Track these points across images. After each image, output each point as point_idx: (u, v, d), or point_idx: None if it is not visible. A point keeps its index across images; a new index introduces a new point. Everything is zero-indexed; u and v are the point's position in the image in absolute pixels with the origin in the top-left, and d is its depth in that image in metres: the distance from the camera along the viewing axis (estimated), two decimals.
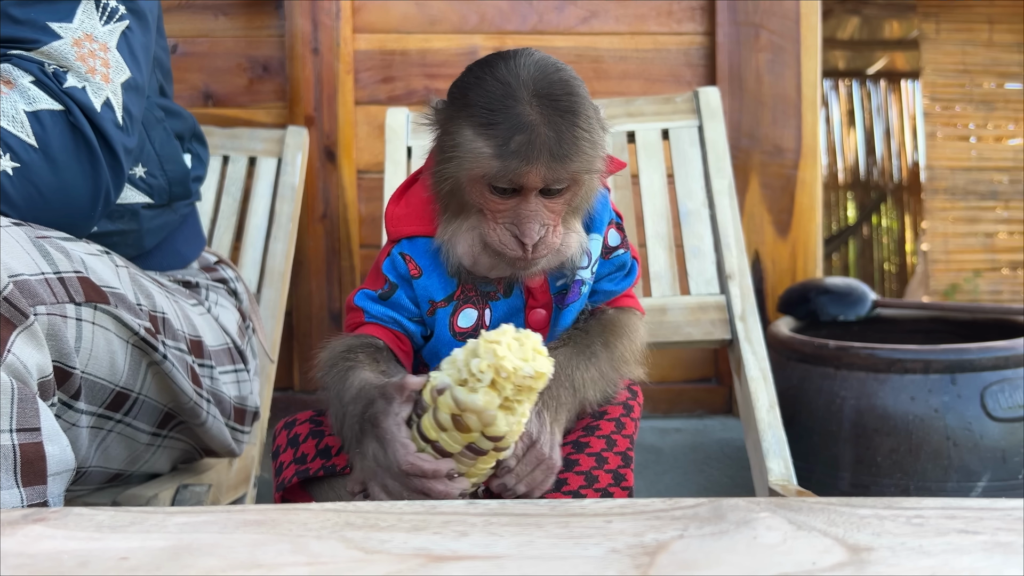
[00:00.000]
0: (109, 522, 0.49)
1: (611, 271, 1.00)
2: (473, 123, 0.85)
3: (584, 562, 0.42)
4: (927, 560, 0.41)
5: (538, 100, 0.84)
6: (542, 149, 0.83)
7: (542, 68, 0.87)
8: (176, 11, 1.97)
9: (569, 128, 0.84)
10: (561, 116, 0.84)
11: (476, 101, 0.85)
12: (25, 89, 0.93)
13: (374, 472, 0.80)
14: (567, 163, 0.84)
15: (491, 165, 0.84)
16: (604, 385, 0.95)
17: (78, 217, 0.98)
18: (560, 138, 0.84)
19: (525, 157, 0.83)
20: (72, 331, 0.86)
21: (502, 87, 0.85)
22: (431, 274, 0.95)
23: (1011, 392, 1.49)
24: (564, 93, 0.85)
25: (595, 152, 0.87)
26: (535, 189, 0.86)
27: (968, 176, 3.74)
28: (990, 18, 3.67)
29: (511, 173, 0.84)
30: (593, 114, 0.88)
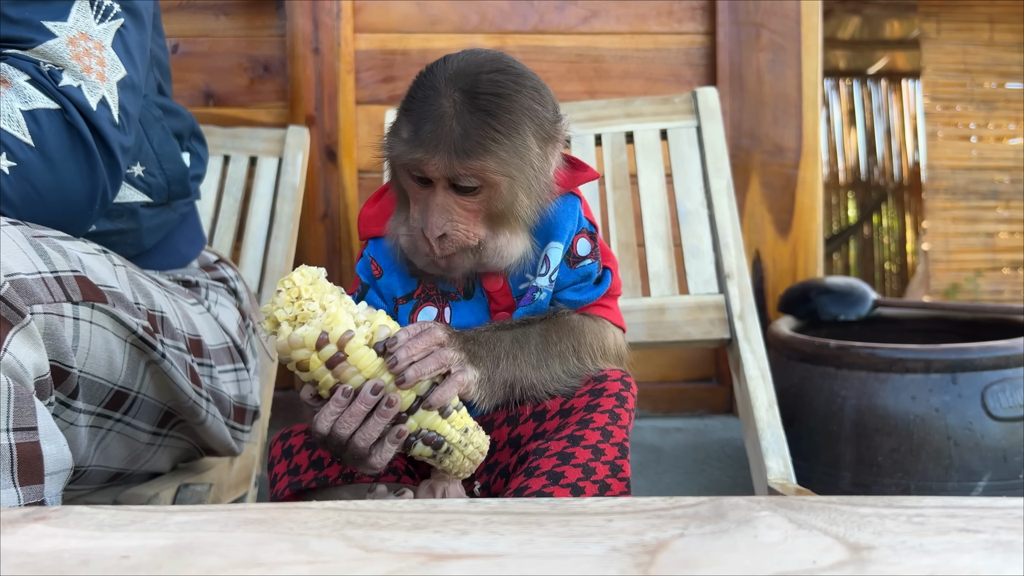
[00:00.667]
0: (110, 521, 0.49)
1: (575, 281, 0.99)
2: (401, 110, 0.89)
3: (585, 561, 0.42)
4: (928, 559, 0.41)
5: (460, 94, 0.85)
6: (444, 141, 0.84)
7: (479, 65, 0.88)
8: (177, 11, 1.97)
9: (479, 126, 0.85)
10: (473, 113, 0.85)
11: (411, 90, 0.89)
12: (21, 88, 0.93)
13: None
14: (469, 160, 0.84)
15: (402, 150, 0.86)
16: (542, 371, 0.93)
17: (75, 216, 0.98)
18: (466, 134, 0.84)
19: (426, 146, 0.85)
20: (69, 330, 0.86)
21: (433, 79, 0.87)
22: (391, 273, 0.97)
23: (1012, 392, 1.49)
24: (488, 92, 0.86)
25: (511, 157, 0.86)
26: (440, 180, 0.87)
27: (969, 176, 3.74)
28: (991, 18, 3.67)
29: (414, 161, 0.86)
30: (524, 120, 0.87)
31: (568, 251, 0.97)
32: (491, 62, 0.89)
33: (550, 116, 0.91)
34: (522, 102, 0.87)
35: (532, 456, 0.92)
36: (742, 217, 1.97)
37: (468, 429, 0.87)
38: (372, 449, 0.83)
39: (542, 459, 0.91)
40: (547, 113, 0.91)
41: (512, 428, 0.96)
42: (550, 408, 0.95)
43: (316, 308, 0.81)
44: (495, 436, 0.97)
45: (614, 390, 0.95)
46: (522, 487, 0.90)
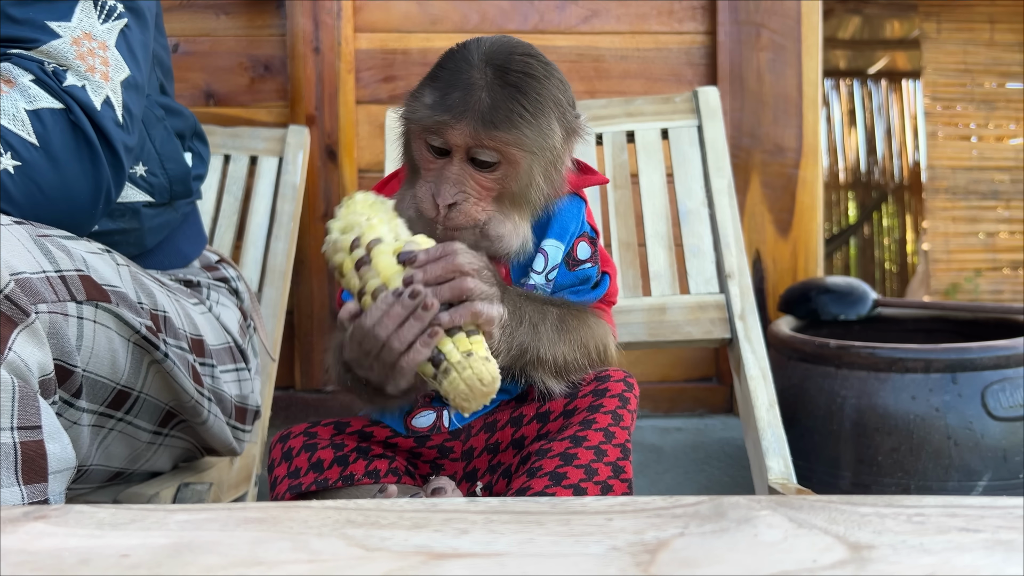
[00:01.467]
0: (110, 520, 0.49)
1: (574, 283, 0.99)
2: (429, 78, 0.89)
3: (585, 560, 0.42)
4: (928, 558, 0.41)
5: (491, 69, 0.86)
6: (472, 110, 0.85)
7: (512, 47, 0.89)
8: (177, 10, 1.97)
9: (508, 99, 0.85)
10: (503, 86, 0.86)
11: (440, 64, 0.90)
12: (25, 88, 0.94)
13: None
14: (494, 131, 0.85)
15: (424, 113, 0.87)
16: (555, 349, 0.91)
17: (79, 215, 0.98)
18: (495, 105, 0.85)
19: (454, 112, 0.85)
20: (73, 329, 0.86)
21: (464, 53, 0.88)
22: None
23: (1012, 391, 1.49)
24: (519, 70, 0.87)
25: (534, 136, 0.87)
26: (460, 149, 0.87)
27: (969, 176, 3.74)
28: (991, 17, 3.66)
29: (437, 125, 0.86)
30: (549, 103, 0.88)
31: (568, 253, 0.97)
32: (523, 46, 0.91)
33: (572, 110, 0.92)
34: (550, 88, 0.89)
35: (535, 456, 0.93)
36: (743, 217, 1.97)
37: (472, 354, 0.82)
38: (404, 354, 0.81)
39: (545, 459, 0.92)
40: (570, 104, 0.92)
41: (516, 429, 0.96)
42: (553, 409, 0.96)
43: (363, 220, 0.87)
44: (499, 437, 0.97)
45: (617, 390, 0.95)
46: (524, 487, 0.90)
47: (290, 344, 1.98)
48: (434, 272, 0.82)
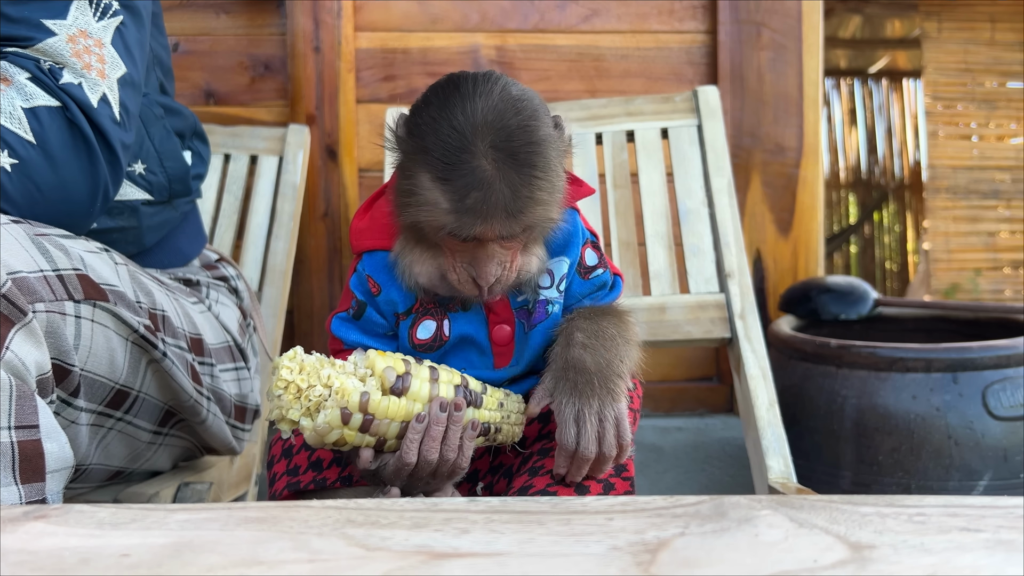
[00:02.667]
0: (110, 519, 0.49)
1: (592, 291, 0.99)
2: (430, 171, 0.83)
3: (585, 559, 0.42)
4: (929, 558, 0.41)
5: (494, 152, 0.82)
6: (497, 206, 0.82)
7: (500, 113, 0.83)
8: (177, 9, 1.97)
9: (525, 182, 0.82)
10: (517, 171, 0.82)
11: (432, 148, 0.83)
12: (22, 86, 0.93)
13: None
14: (523, 217, 0.83)
15: (448, 219, 0.83)
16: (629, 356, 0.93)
17: (77, 213, 0.98)
18: (516, 194, 0.82)
19: (481, 215, 0.82)
20: (71, 329, 0.86)
21: (458, 136, 0.82)
22: (390, 288, 0.95)
23: (1012, 391, 1.49)
24: (522, 144, 0.83)
25: (552, 198, 0.86)
26: (492, 241, 0.85)
27: (970, 175, 3.73)
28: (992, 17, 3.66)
29: (467, 228, 0.83)
30: (554, 154, 0.86)
31: (578, 263, 0.97)
32: (512, 107, 0.84)
33: (557, 132, 0.89)
34: (546, 136, 0.85)
35: (536, 456, 0.93)
36: (743, 216, 1.97)
37: (502, 403, 0.92)
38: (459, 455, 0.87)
39: (547, 459, 0.92)
40: (556, 131, 0.89)
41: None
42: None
43: (321, 391, 0.82)
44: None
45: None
46: (527, 485, 0.90)
47: (290, 343, 1.97)
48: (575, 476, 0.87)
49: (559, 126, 0.91)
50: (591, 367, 0.88)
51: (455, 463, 0.87)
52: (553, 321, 0.97)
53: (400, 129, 0.89)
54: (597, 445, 0.85)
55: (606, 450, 0.85)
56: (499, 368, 0.97)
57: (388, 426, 0.84)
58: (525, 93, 0.88)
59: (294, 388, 0.82)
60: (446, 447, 0.86)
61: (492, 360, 0.97)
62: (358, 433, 0.83)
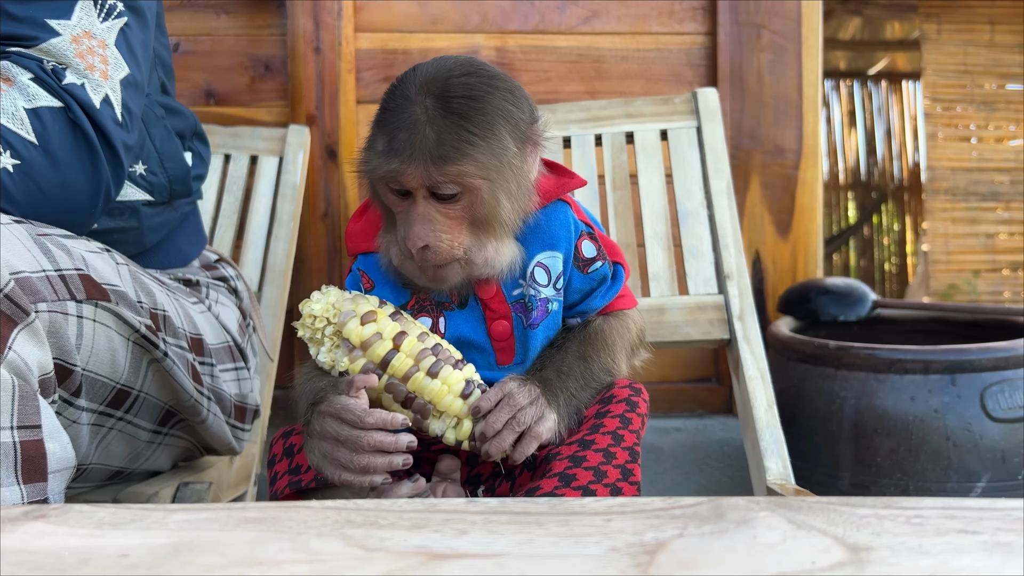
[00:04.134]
0: (109, 519, 0.49)
1: (594, 286, 0.99)
2: (375, 123, 0.87)
3: (584, 560, 0.42)
4: (926, 560, 0.41)
5: (431, 99, 0.83)
6: (419, 149, 0.82)
7: (448, 70, 0.86)
8: (178, 9, 1.97)
9: (453, 130, 0.83)
10: (446, 116, 0.83)
11: (384, 101, 0.87)
12: (24, 86, 0.94)
13: (325, 451, 0.84)
14: (444, 165, 0.83)
15: (378, 163, 0.85)
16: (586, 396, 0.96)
17: (79, 214, 0.98)
18: (440, 139, 0.82)
19: (401, 155, 0.83)
20: (73, 328, 0.86)
21: (404, 88, 0.86)
22: (383, 286, 0.97)
23: (1011, 393, 1.49)
24: (459, 95, 0.84)
25: (488, 159, 0.85)
26: (419, 190, 0.85)
27: (969, 177, 3.74)
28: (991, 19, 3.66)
29: (390, 172, 0.84)
30: (499, 121, 0.85)
31: (575, 257, 0.97)
32: (461, 66, 0.87)
33: (525, 117, 0.89)
34: (495, 103, 0.86)
35: (542, 462, 0.93)
36: (742, 217, 1.97)
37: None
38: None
39: (554, 462, 0.92)
40: (522, 114, 0.89)
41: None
42: None
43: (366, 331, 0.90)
44: None
45: (623, 396, 0.96)
46: (533, 488, 0.90)
47: (290, 343, 1.98)
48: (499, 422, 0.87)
49: (532, 116, 0.90)
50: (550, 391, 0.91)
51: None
52: (554, 320, 0.97)
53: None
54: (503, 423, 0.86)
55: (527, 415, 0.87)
56: (502, 365, 0.97)
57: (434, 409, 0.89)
58: (496, 72, 0.89)
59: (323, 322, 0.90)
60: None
61: (494, 357, 0.97)
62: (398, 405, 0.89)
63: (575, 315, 1.00)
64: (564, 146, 1.54)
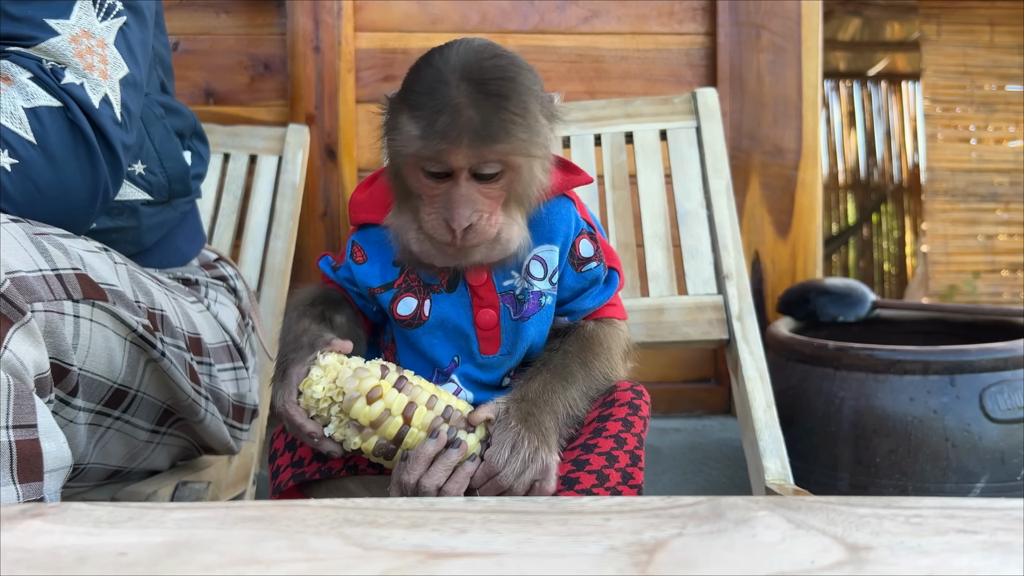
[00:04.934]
0: (107, 517, 0.49)
1: (587, 286, 0.99)
2: (406, 107, 0.87)
3: (582, 560, 0.42)
4: (926, 559, 0.41)
5: (466, 83, 0.85)
6: (465, 129, 0.83)
7: (477, 53, 0.87)
8: (178, 9, 1.97)
9: (495, 110, 0.84)
10: (487, 98, 0.84)
11: (411, 86, 0.88)
12: (23, 85, 0.93)
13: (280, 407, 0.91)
14: (493, 144, 0.84)
15: (418, 145, 0.85)
16: (586, 402, 0.96)
17: (77, 213, 0.98)
18: (485, 120, 0.84)
19: (448, 137, 0.83)
20: (70, 328, 0.85)
21: (433, 71, 0.86)
22: (374, 262, 0.97)
23: (1010, 393, 1.49)
24: (495, 77, 0.86)
25: (529, 136, 0.87)
26: (463, 170, 0.86)
27: (968, 178, 3.74)
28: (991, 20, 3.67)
29: (436, 153, 0.84)
30: (531, 100, 0.88)
31: (571, 253, 0.97)
32: (486, 48, 0.89)
33: (546, 95, 0.92)
34: (525, 82, 0.88)
35: None
36: (741, 218, 1.97)
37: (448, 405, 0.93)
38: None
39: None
40: (543, 92, 0.92)
41: None
42: None
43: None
44: None
45: (625, 399, 0.96)
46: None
47: None
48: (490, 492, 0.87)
49: (549, 94, 0.93)
50: (547, 411, 0.90)
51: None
52: (547, 314, 0.97)
53: (391, 93, 0.93)
54: (515, 479, 0.85)
55: (518, 487, 0.86)
56: (486, 354, 0.97)
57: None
58: (513, 54, 0.91)
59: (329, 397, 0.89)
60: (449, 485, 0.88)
61: (477, 346, 0.97)
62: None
63: (563, 313, 1.00)
64: (564, 146, 1.54)
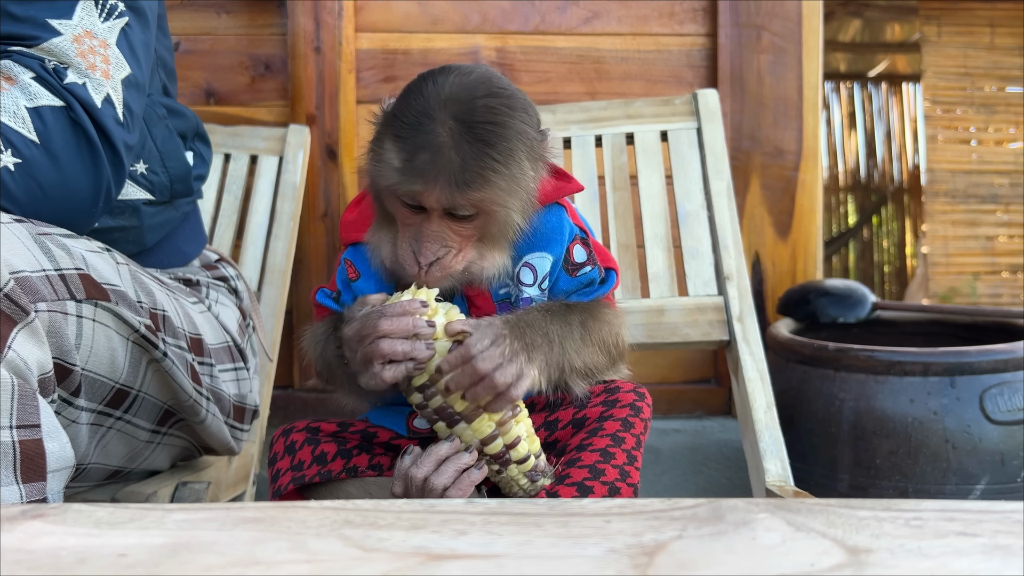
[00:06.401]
0: (108, 519, 0.49)
1: (578, 287, 0.99)
2: (391, 133, 0.85)
3: (583, 562, 0.42)
4: (926, 562, 0.41)
5: (454, 122, 0.83)
6: (442, 172, 0.82)
7: (471, 89, 0.85)
8: (179, 9, 1.97)
9: (477, 155, 0.82)
10: (471, 142, 0.82)
11: (399, 112, 0.85)
12: (26, 85, 0.94)
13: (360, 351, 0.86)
14: (468, 191, 0.83)
15: (395, 178, 0.84)
16: (584, 358, 0.92)
17: (79, 213, 0.98)
18: (465, 164, 0.82)
19: (424, 177, 0.82)
20: (72, 328, 0.86)
21: (423, 102, 0.84)
22: (368, 278, 0.97)
23: (1010, 395, 1.49)
24: (483, 120, 0.83)
25: (509, 185, 0.84)
26: (436, 210, 0.85)
27: (968, 179, 3.74)
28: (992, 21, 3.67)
29: (411, 191, 0.83)
30: (519, 145, 0.85)
31: (565, 259, 0.97)
32: (482, 84, 0.86)
33: (538, 136, 0.89)
34: (515, 127, 0.85)
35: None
36: (742, 219, 1.97)
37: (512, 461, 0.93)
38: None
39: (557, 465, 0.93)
40: (535, 133, 0.89)
41: None
42: (562, 418, 0.96)
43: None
44: None
45: (627, 400, 0.96)
46: None
47: (289, 343, 1.98)
48: (461, 383, 0.84)
49: (542, 133, 0.90)
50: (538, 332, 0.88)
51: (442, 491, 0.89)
52: None
53: (386, 104, 0.91)
54: (492, 367, 0.83)
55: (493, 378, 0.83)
56: None
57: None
58: (510, 87, 0.89)
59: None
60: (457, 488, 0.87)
61: None
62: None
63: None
64: (564, 147, 1.54)
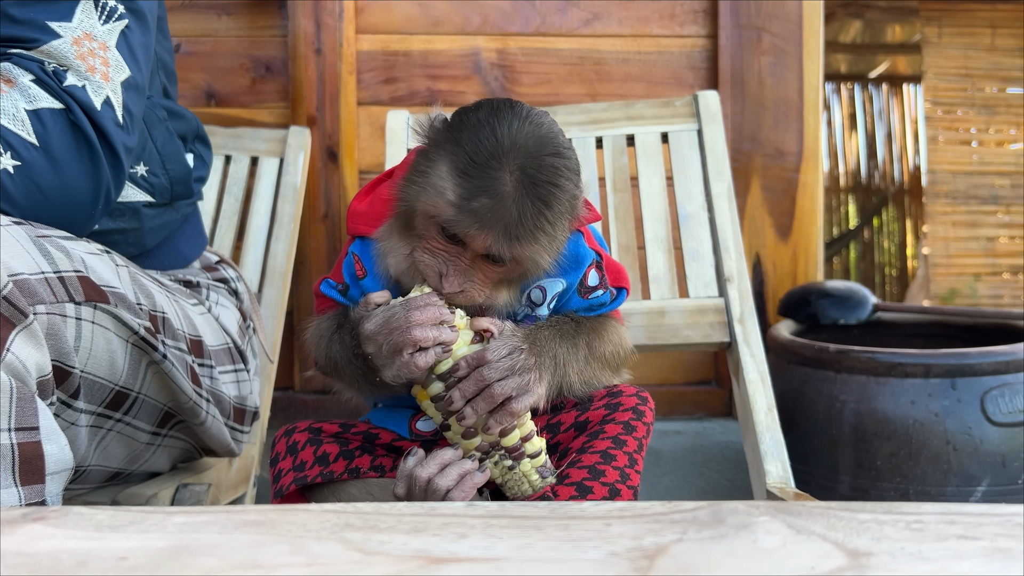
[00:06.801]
0: (108, 521, 0.49)
1: (588, 308, 0.99)
2: (451, 163, 0.84)
3: (583, 565, 0.42)
4: (926, 565, 0.41)
5: (521, 174, 0.82)
6: (499, 221, 0.82)
7: (542, 143, 0.84)
8: (179, 11, 1.97)
9: (534, 215, 0.83)
10: (532, 201, 0.83)
11: (465, 143, 0.84)
12: (26, 87, 0.94)
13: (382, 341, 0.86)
14: (516, 245, 0.83)
15: (446, 211, 0.83)
16: (585, 377, 0.95)
17: (79, 215, 0.98)
18: (521, 220, 0.82)
19: (481, 222, 0.82)
20: (72, 330, 0.86)
21: (495, 143, 0.83)
22: (374, 277, 0.96)
23: (1011, 397, 1.49)
24: (547, 180, 0.83)
25: (550, 244, 0.86)
26: (478, 251, 0.85)
27: (969, 180, 3.74)
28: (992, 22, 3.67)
29: (462, 228, 0.83)
30: (567, 208, 0.86)
31: (580, 283, 0.97)
32: (551, 141, 0.86)
33: (580, 195, 0.90)
34: (570, 190, 0.86)
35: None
36: (742, 220, 1.97)
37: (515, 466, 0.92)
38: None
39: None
40: (579, 192, 0.90)
41: None
42: (564, 421, 0.96)
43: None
44: None
45: (630, 404, 0.96)
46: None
47: (289, 345, 1.98)
48: (469, 390, 0.85)
49: (582, 188, 0.91)
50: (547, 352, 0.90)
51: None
52: None
53: (437, 120, 0.89)
54: (499, 376, 0.84)
55: (497, 389, 0.84)
56: None
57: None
58: (570, 146, 0.89)
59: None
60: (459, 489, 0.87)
61: None
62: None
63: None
64: None
